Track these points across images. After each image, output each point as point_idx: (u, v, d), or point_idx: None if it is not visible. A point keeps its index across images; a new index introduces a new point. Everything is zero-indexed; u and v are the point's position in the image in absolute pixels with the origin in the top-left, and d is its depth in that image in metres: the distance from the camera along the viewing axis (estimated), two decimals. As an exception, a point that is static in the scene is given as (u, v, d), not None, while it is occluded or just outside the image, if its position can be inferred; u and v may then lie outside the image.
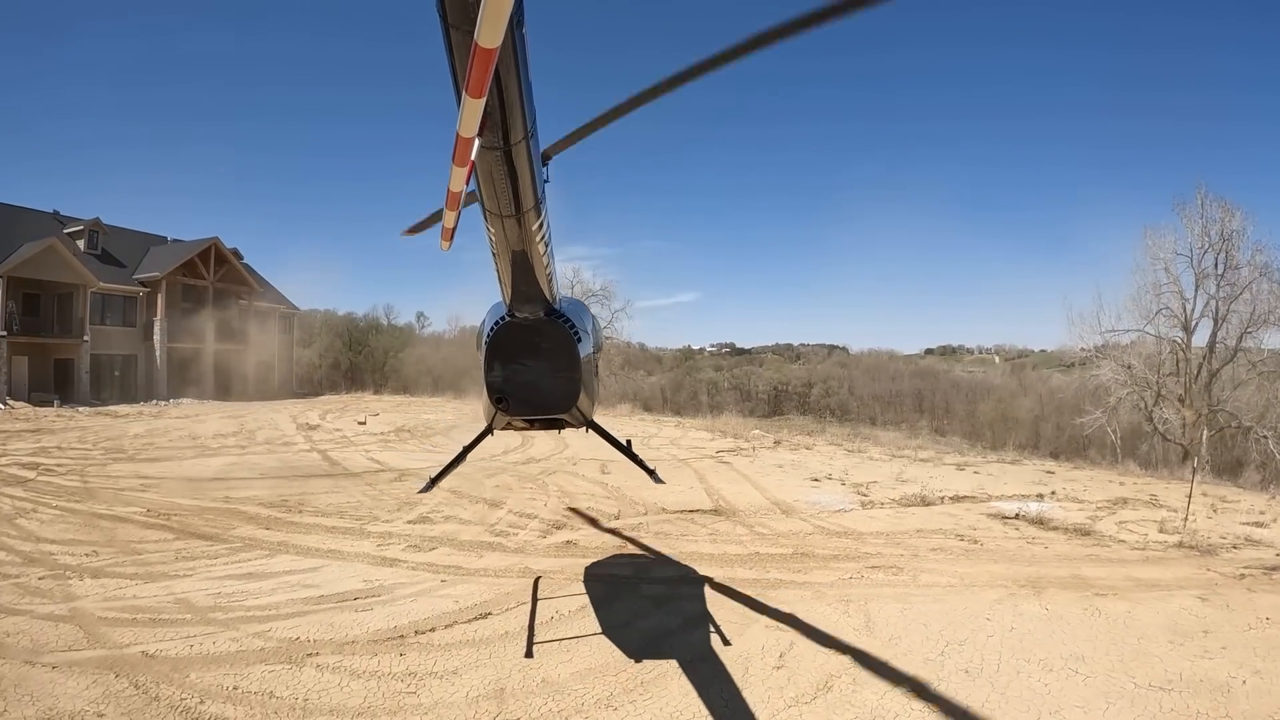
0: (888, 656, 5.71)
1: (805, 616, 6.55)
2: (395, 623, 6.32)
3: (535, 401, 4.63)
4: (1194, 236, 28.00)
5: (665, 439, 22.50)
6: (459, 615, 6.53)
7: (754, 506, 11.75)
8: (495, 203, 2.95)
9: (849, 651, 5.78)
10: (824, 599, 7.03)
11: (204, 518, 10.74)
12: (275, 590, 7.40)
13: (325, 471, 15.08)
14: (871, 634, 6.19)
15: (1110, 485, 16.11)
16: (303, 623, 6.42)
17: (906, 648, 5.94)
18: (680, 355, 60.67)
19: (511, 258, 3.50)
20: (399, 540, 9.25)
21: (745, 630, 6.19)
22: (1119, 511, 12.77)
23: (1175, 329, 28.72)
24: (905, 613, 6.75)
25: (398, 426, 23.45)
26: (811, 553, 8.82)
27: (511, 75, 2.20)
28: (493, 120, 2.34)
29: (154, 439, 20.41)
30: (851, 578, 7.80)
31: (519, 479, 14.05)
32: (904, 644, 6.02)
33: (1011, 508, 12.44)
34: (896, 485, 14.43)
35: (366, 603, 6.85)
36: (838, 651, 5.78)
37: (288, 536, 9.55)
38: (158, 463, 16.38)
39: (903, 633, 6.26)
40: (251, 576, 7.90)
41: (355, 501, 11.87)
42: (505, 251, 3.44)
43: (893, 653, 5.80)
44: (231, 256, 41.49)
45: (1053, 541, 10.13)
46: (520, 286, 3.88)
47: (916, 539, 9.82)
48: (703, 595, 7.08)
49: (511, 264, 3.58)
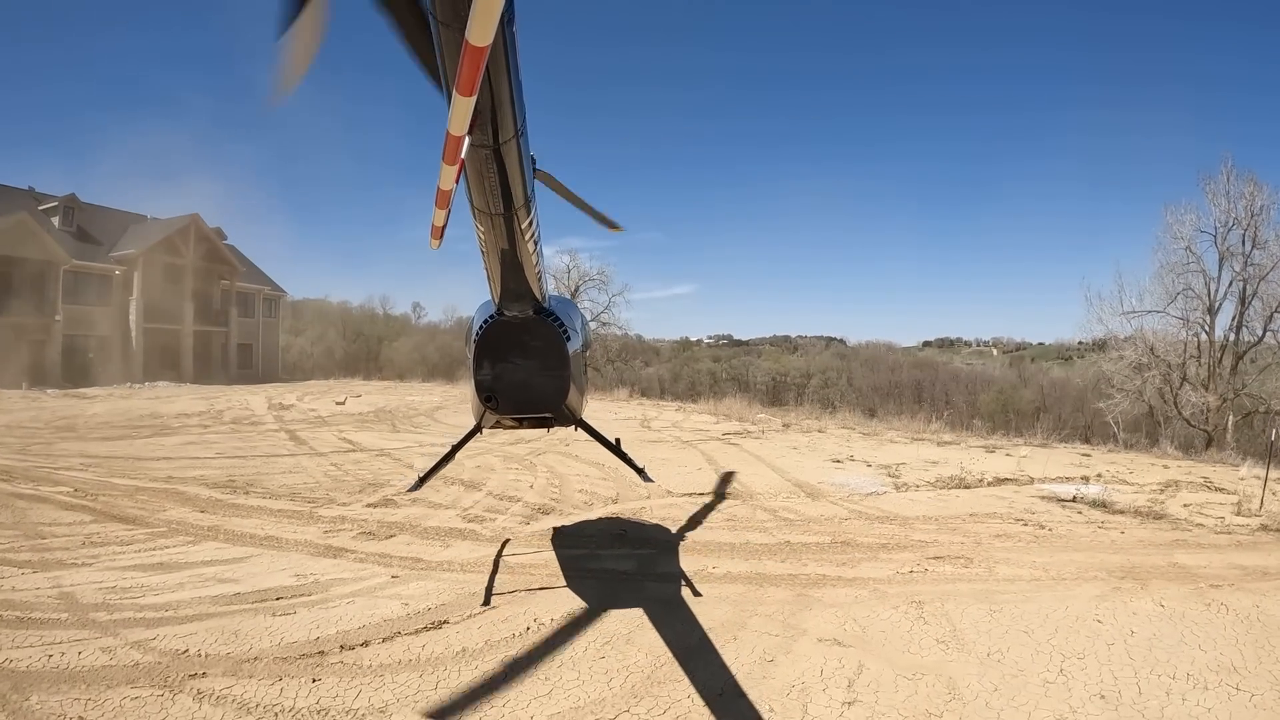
0: (996, 682, 4.14)
1: (868, 625, 4.97)
2: (318, 632, 4.72)
3: (524, 400, 4.61)
4: (1219, 213, 26.44)
5: (667, 421, 20.90)
6: (404, 623, 4.90)
7: (774, 489, 10.16)
8: (485, 200, 2.92)
9: (941, 676, 4.20)
10: (886, 600, 5.44)
11: (135, 499, 9.17)
12: (183, 585, 5.83)
13: (289, 451, 13.47)
14: (963, 648, 4.60)
15: (1154, 469, 14.63)
16: (200, 629, 4.84)
17: (1014, 665, 4.36)
18: (678, 346, 59.55)
19: (500, 256, 3.45)
20: (351, 526, 7.65)
21: (792, 647, 4.58)
22: (1178, 494, 11.39)
23: (1198, 310, 27.27)
24: (995, 616, 5.18)
25: (379, 407, 21.77)
26: (853, 541, 7.24)
27: (502, 73, 2.14)
28: (483, 118, 2.29)
29: (112, 418, 18.80)
30: (913, 571, 6.22)
31: (504, 459, 12.46)
32: (1010, 661, 4.44)
33: (1067, 490, 11.03)
34: (928, 468, 12.88)
35: (289, 604, 5.25)
36: (926, 676, 4.20)
37: (222, 520, 7.97)
38: (108, 442, 14.81)
39: (1002, 644, 4.69)
40: (161, 567, 6.33)
41: (313, 483, 10.27)
42: (494, 249, 3.40)
43: (1000, 675, 4.23)
44: (213, 235, 39.63)
45: (1126, 526, 8.71)
46: (509, 285, 3.84)
47: (973, 524, 8.26)
48: (728, 597, 5.47)
49: (500, 262, 3.54)
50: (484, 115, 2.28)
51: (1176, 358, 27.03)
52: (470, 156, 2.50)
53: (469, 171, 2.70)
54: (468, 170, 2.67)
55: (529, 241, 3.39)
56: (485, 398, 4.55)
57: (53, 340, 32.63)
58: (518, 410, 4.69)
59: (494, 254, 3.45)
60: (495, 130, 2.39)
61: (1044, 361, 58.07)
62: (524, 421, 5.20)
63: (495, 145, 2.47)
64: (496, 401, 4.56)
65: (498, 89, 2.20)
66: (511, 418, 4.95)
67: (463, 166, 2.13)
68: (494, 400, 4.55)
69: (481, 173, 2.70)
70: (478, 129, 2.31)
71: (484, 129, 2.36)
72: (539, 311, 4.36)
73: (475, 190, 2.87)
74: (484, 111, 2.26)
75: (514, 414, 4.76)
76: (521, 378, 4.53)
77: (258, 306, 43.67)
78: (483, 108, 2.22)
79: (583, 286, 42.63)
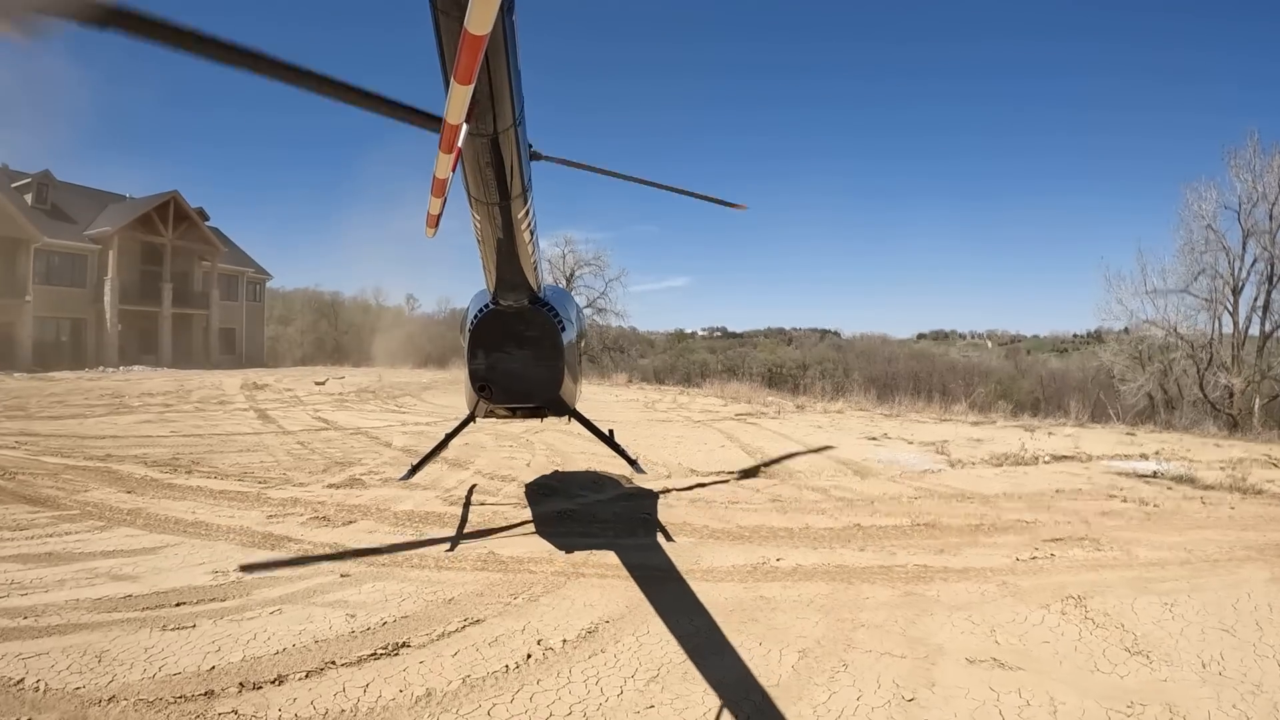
0: (1234, 702, 2.68)
1: (1022, 633, 3.49)
2: (217, 659, 3.17)
3: (518, 390, 4.64)
4: (1244, 188, 25.00)
5: (671, 403, 19.41)
6: (344, 646, 3.34)
7: (814, 467, 8.66)
8: (481, 189, 2.88)
9: (1162, 703, 2.74)
10: (1025, 596, 3.96)
11: (58, 479, 7.64)
12: (65, 583, 4.32)
13: (253, 430, 11.90)
14: (1166, 659, 3.14)
15: (1207, 447, 13.29)
16: (57, 648, 3.33)
17: (1241, 678, 2.95)
18: (673, 338, 58.55)
19: (496, 245, 3.42)
20: (303, 510, 6.10)
21: (933, 673, 3.06)
22: (1253, 470, 10.04)
23: (1223, 289, 25.95)
24: (1174, 612, 3.81)
25: (360, 388, 20.14)
26: (938, 523, 5.74)
27: (500, 62, 2.09)
28: (481, 107, 2.26)
29: (69, 397, 17.19)
30: (1035, 557, 4.74)
31: (496, 437, 10.93)
32: (1234, 672, 3.02)
33: (1145, 466, 9.71)
34: (975, 445, 11.45)
35: (190, 614, 3.71)
36: (1148, 707, 2.74)
37: (148, 503, 6.44)
38: (56, 420, 13.22)
39: (1209, 650, 3.31)
40: (49, 559, 4.83)
41: (271, 462, 8.72)
42: (490, 239, 3.36)
43: (1236, 694, 2.78)
44: (193, 213, 37.69)
45: (1230, 501, 7.57)
46: (504, 274, 3.81)
47: (1066, 501, 6.83)
48: (812, 601, 3.94)
49: (496, 251, 3.50)
50: (482, 104, 2.22)
51: (1202, 338, 25.79)
52: (467, 145, 2.42)
53: (466, 160, 2.65)
54: (465, 159, 2.62)
55: (525, 231, 3.33)
56: (479, 387, 4.59)
57: (23, 322, 30.78)
58: (511, 400, 4.71)
59: (490, 243, 3.42)
60: (493, 119, 2.33)
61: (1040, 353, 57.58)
62: (517, 411, 5.15)
63: (493, 134, 2.41)
64: (490, 391, 4.60)
65: (496, 78, 2.14)
66: (505, 407, 4.94)
67: (460, 155, 2.10)
68: (488, 389, 4.59)
69: (478, 162, 2.66)
70: (476, 118, 2.26)
71: (482, 118, 2.30)
72: (534, 301, 4.36)
73: (472, 179, 2.83)
74: (482, 100, 2.20)
75: (508, 403, 4.78)
76: (516, 367, 4.55)
77: (241, 289, 41.79)
78: (481, 96, 2.16)
79: (578, 272, 41.20)
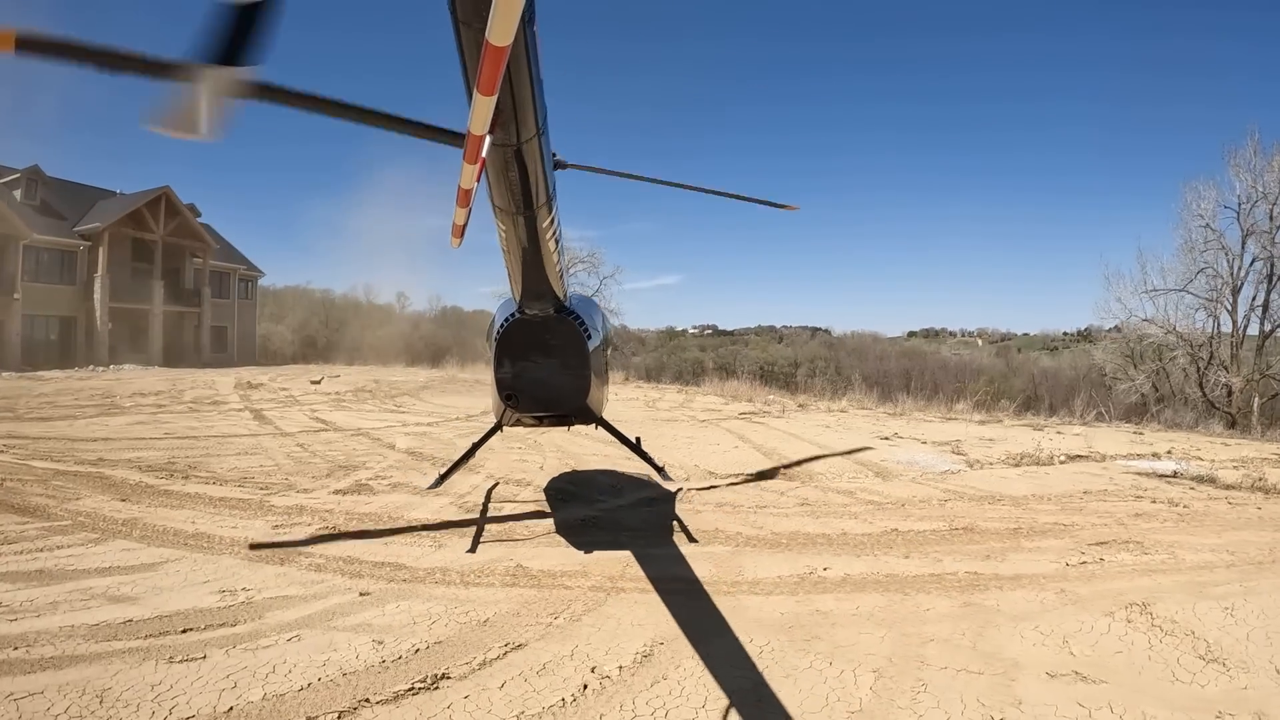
0: None
1: (1094, 644, 3.28)
2: (234, 698, 2.88)
3: (544, 398, 4.66)
4: (1243, 188, 24.96)
5: (671, 402, 19.17)
6: (379, 679, 3.05)
7: (835, 469, 8.44)
8: (506, 199, 2.89)
9: (1251, 715, 2.51)
10: (1085, 605, 3.76)
11: (48, 485, 7.31)
12: (58, 605, 4.02)
13: (249, 431, 11.57)
14: (1243, 667, 2.98)
15: (1214, 446, 13.21)
16: (49, 686, 3.04)
17: None
18: (664, 335, 58.47)
19: (522, 255, 3.41)
20: (310, 519, 5.81)
21: (1014, 690, 2.83)
22: (1267, 470, 9.98)
23: (1220, 288, 25.93)
24: (1236, 616, 3.73)
25: (357, 387, 19.77)
26: (975, 527, 5.53)
27: (523, 73, 2.09)
28: (504, 117, 2.25)
29: (59, 398, 16.75)
30: (1085, 563, 4.54)
31: (504, 439, 10.62)
32: None
33: (1165, 466, 9.55)
34: (988, 445, 11.28)
35: (199, 642, 3.42)
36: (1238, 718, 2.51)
37: (145, 512, 6.13)
38: (46, 422, 12.82)
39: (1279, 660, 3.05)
40: (40, 576, 4.52)
41: (272, 465, 8.42)
42: (515, 248, 3.35)
43: None
44: (185, 209, 37.06)
45: (1256, 502, 7.49)
46: (530, 283, 3.81)
47: (1097, 503, 6.66)
48: (871, 614, 3.68)
49: (522, 261, 3.49)
50: (505, 115, 2.21)
51: (1201, 337, 25.78)
52: (491, 156, 2.44)
53: (490, 171, 2.65)
54: (489, 169, 2.62)
55: (550, 240, 3.33)
56: (506, 395, 4.58)
57: (11, 319, 30.16)
58: (538, 408, 4.71)
59: (515, 253, 3.41)
60: (517, 129, 2.32)
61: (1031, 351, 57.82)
62: (544, 419, 5.10)
63: (517, 145, 2.40)
64: (517, 400, 4.60)
65: (519, 89, 2.13)
66: (532, 416, 4.91)
67: (484, 165, 2.13)
68: (515, 398, 4.60)
69: (503, 172, 2.66)
70: (499, 128, 2.24)
71: (505, 128, 2.28)
72: (560, 310, 4.36)
73: (496, 189, 2.84)
74: (505, 111, 2.19)
75: (534, 412, 4.77)
76: (542, 376, 4.56)
77: (233, 287, 41.18)
78: (504, 107, 2.15)
79: (571, 269, 41.00)
